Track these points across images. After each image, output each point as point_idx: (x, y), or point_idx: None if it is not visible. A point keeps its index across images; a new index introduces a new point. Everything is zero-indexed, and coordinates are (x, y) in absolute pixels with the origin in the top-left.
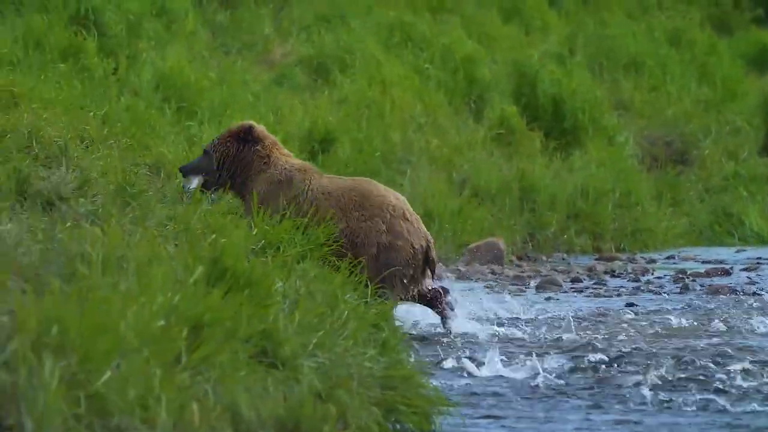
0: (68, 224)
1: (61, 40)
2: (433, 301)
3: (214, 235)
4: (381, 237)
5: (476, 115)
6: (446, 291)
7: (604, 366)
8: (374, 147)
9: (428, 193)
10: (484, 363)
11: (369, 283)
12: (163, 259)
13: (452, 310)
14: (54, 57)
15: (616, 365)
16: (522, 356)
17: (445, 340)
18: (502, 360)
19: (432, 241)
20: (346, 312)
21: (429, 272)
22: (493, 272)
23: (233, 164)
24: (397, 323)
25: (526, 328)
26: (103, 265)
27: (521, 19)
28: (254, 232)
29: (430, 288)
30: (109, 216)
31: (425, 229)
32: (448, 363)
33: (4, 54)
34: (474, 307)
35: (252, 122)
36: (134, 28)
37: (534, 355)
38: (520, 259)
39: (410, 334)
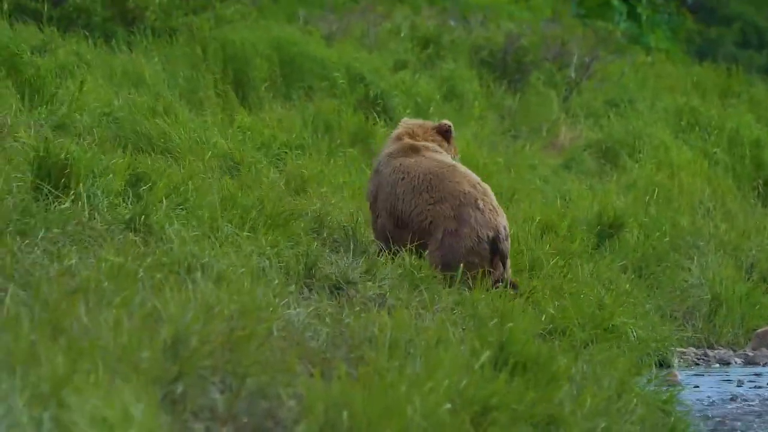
0: (356, 308)
1: (350, 124)
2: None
3: (500, 320)
4: (447, 222)
5: (764, 200)
6: (515, 286)
7: None
8: (662, 232)
9: (716, 278)
10: None
11: (433, 268)
12: (450, 343)
13: None
14: (343, 141)
15: None
16: None
17: (737, 424)
18: None
19: (504, 232)
20: (633, 397)
21: (500, 263)
22: None
23: None
24: (686, 408)
25: None
26: (391, 349)
27: None
28: (543, 318)
29: (501, 279)
30: (396, 300)
31: (501, 220)
32: None
33: (294, 138)
34: None
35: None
36: (423, 111)
37: None
38: None
39: (700, 418)
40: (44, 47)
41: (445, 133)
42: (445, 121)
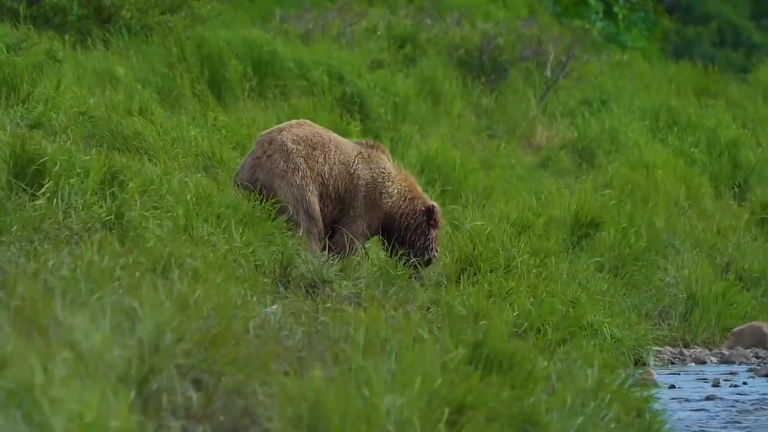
0: (331, 306)
1: (326, 123)
2: None
3: (475, 318)
4: None
5: (740, 199)
6: None
7: None
8: (638, 231)
9: (692, 277)
10: None
11: None
12: (425, 341)
13: None
14: None
15: None
16: None
17: (713, 423)
18: None
19: (251, 179)
20: (608, 396)
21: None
22: (756, 356)
23: None
24: (662, 407)
25: None
26: (365, 347)
27: None
28: (518, 316)
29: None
30: (371, 299)
31: (262, 169)
32: None
33: None
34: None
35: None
36: (400, 110)
37: None
38: None
39: (675, 418)
40: (19, 45)
41: None
42: None
